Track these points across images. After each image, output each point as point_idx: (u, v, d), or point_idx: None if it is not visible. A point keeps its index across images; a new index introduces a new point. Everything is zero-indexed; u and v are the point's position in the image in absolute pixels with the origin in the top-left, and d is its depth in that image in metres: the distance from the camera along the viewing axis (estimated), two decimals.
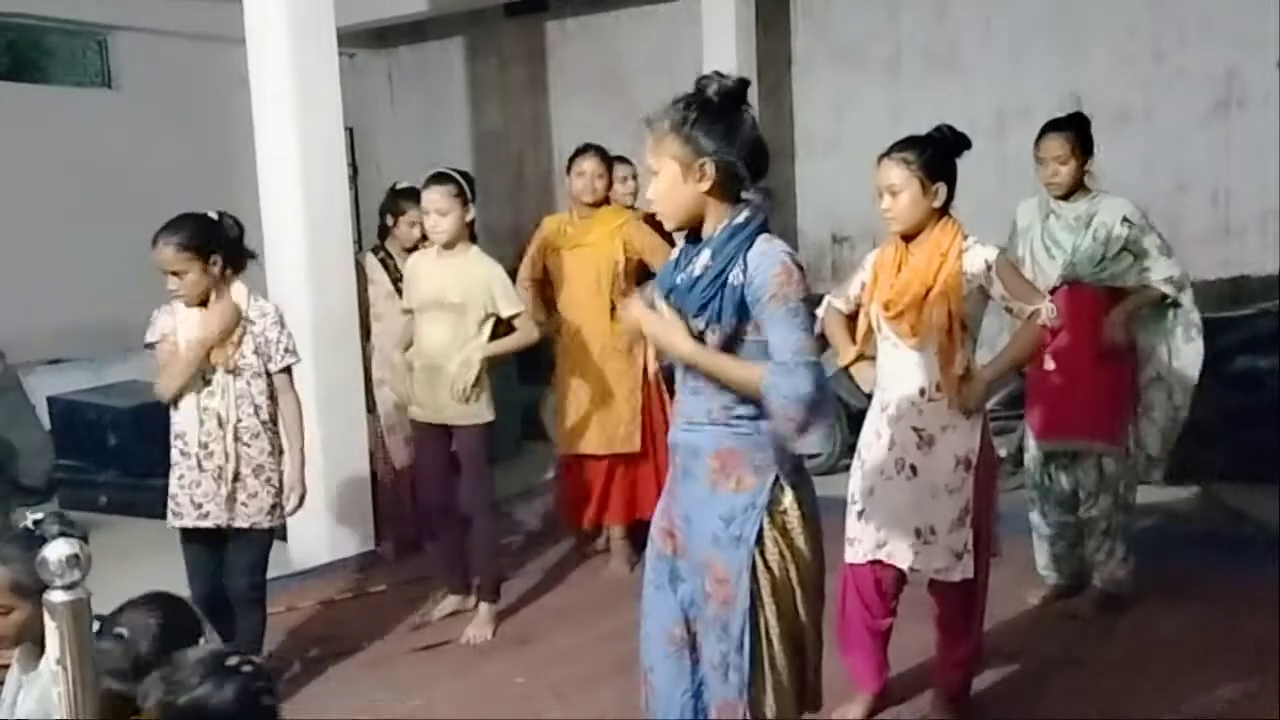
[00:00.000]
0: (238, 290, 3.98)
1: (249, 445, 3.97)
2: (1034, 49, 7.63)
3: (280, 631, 4.60)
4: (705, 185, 2.45)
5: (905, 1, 8.18)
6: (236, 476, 3.95)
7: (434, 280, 4.62)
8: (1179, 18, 7.17)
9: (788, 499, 2.50)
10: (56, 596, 1.71)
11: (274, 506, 4.04)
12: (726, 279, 2.41)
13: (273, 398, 4.06)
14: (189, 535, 4.04)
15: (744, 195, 2.49)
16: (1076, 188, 4.42)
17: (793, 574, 2.51)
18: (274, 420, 4.07)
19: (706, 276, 2.43)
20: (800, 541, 2.52)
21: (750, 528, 2.48)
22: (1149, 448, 4.57)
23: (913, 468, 3.44)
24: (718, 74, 2.49)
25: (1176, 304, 4.44)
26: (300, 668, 4.38)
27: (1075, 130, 4.41)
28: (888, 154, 3.41)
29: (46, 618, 1.72)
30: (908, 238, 3.46)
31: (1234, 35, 7.00)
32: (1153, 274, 4.37)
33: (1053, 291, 4.33)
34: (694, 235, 2.54)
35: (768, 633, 2.50)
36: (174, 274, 3.83)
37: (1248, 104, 7.03)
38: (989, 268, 3.37)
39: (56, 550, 1.71)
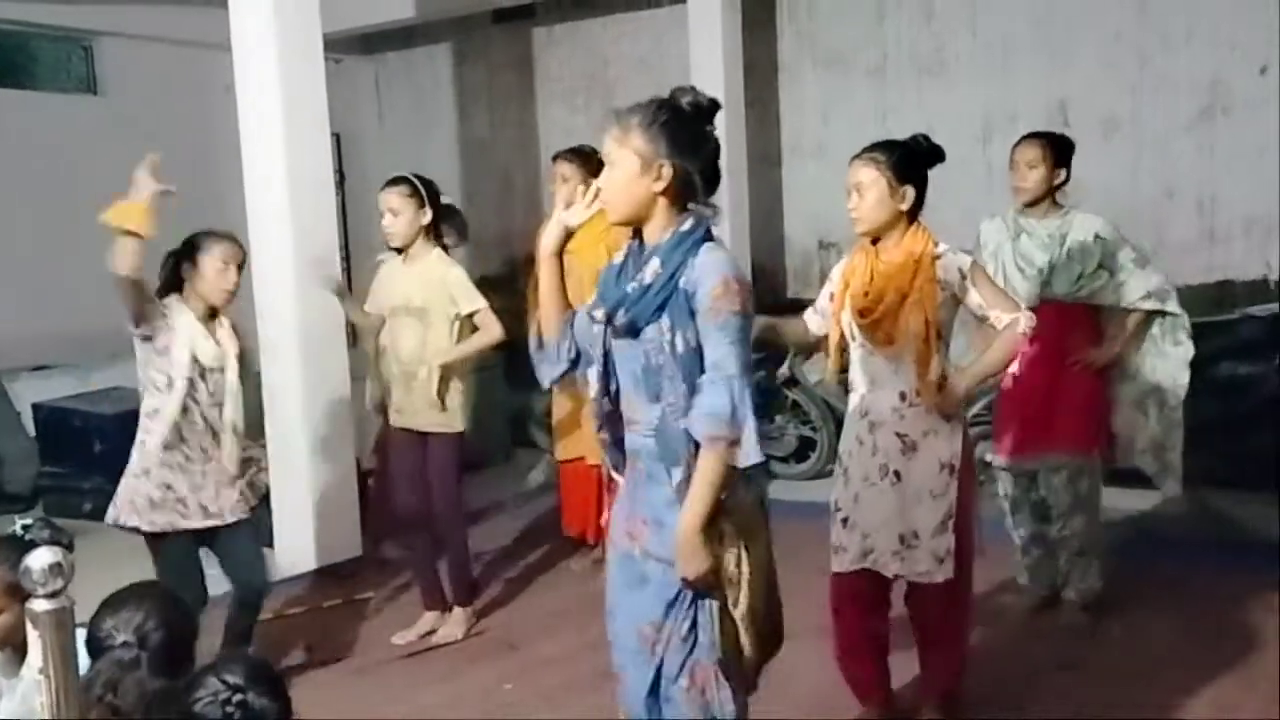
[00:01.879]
0: None
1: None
2: (1020, 55, 7.65)
3: (268, 639, 4.57)
4: (660, 186, 2.49)
5: (892, 7, 8.19)
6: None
7: (398, 286, 4.66)
8: (1164, 25, 7.20)
9: (752, 495, 2.56)
10: (39, 605, 1.69)
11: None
12: (677, 284, 2.45)
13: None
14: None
15: (690, 205, 2.54)
16: (1044, 198, 4.38)
17: (756, 561, 2.56)
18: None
19: (658, 283, 2.46)
20: (760, 534, 2.58)
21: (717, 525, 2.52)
22: (1150, 463, 4.57)
23: (896, 474, 3.42)
24: (693, 88, 2.56)
25: (1163, 313, 4.41)
26: (287, 675, 4.36)
27: (1050, 141, 4.40)
28: (858, 154, 3.41)
29: (29, 626, 1.71)
30: (875, 242, 3.45)
31: (1219, 42, 7.02)
32: (1129, 290, 4.34)
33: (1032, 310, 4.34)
34: (635, 236, 2.59)
35: (732, 614, 2.55)
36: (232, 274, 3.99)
37: (1233, 111, 7.05)
38: (964, 276, 3.36)
39: (39, 559, 1.70)
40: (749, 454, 2.42)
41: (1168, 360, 4.47)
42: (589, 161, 5.24)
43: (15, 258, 7.79)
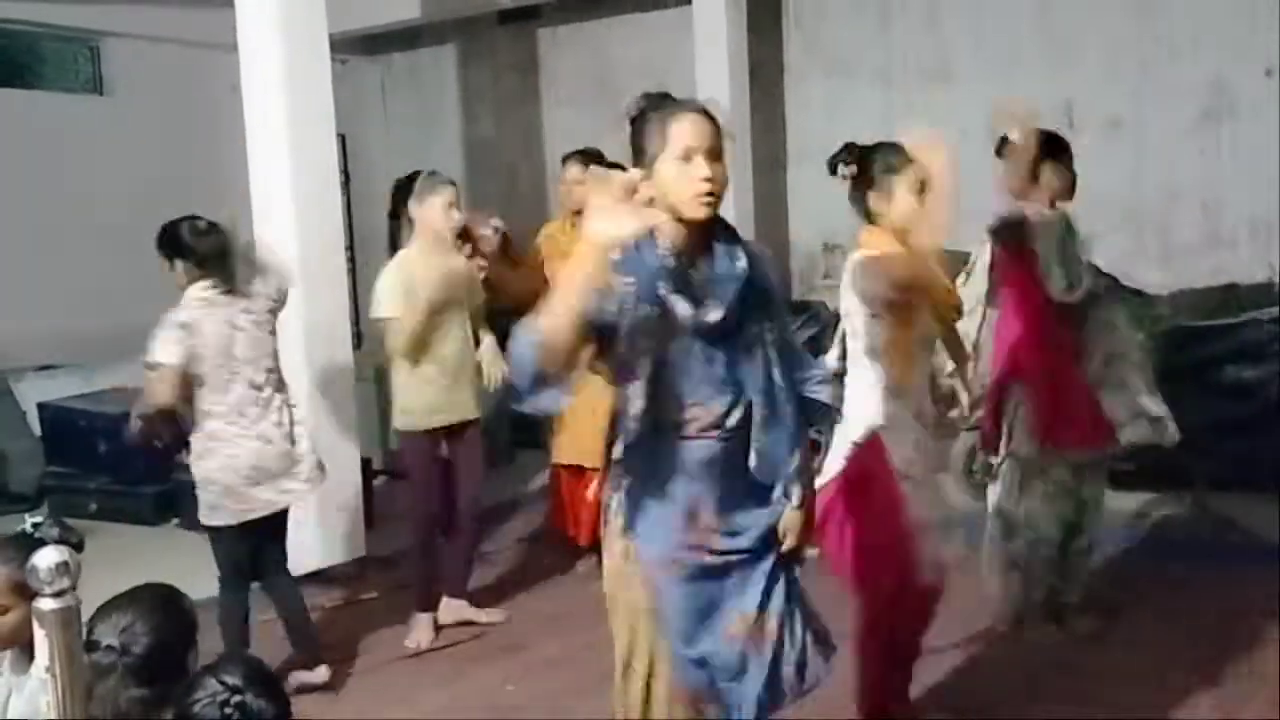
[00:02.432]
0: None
1: None
2: (1025, 58, 7.65)
3: (271, 640, 4.58)
4: None
5: (897, 11, 8.19)
6: None
7: (428, 281, 4.64)
8: (1168, 28, 7.20)
9: None
10: (46, 604, 1.70)
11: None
12: (750, 276, 2.51)
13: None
14: None
15: None
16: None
17: None
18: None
19: (744, 277, 2.50)
20: None
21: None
22: (1146, 415, 4.47)
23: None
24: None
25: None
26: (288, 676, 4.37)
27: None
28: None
29: (35, 625, 1.72)
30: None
31: (1222, 45, 7.02)
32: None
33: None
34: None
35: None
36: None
37: (1237, 113, 7.05)
38: None
39: (46, 558, 1.70)
40: None
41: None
42: (599, 163, 5.26)
43: (21, 257, 7.80)
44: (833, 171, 3.44)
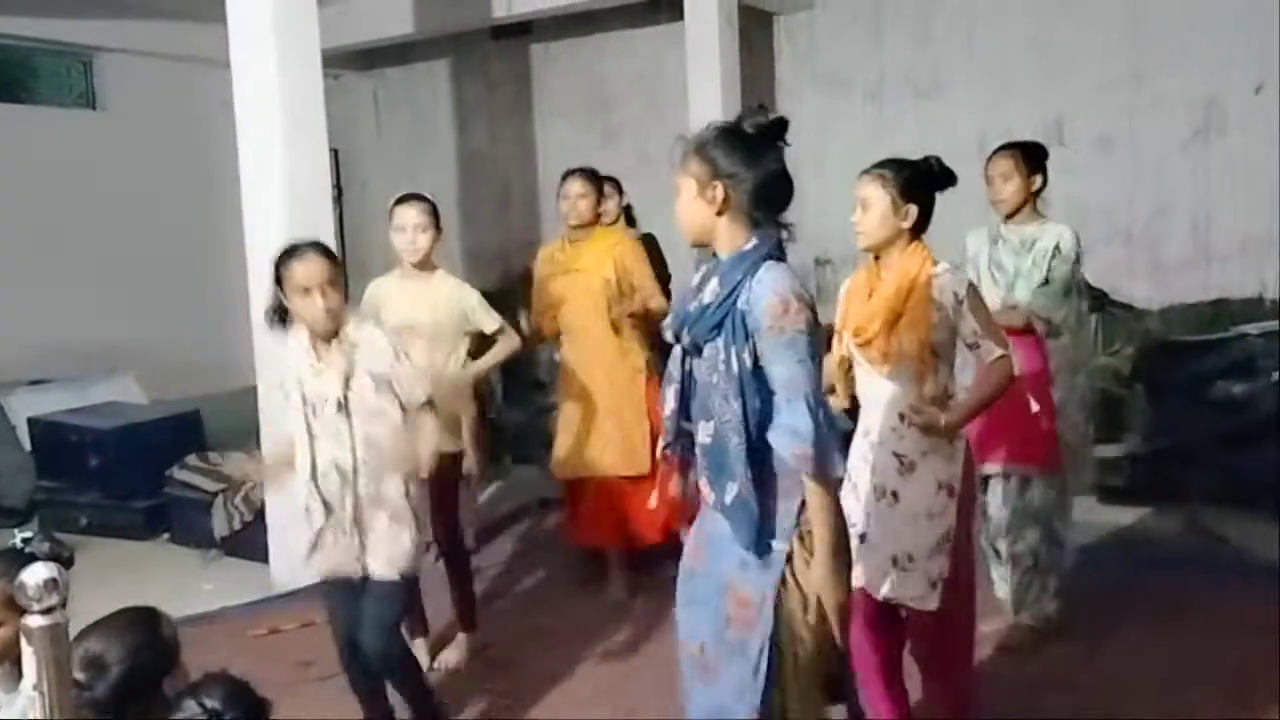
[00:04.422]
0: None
1: (377, 491, 3.49)
2: (1016, 75, 7.68)
3: (262, 655, 4.56)
4: (716, 206, 2.54)
5: (888, 27, 8.23)
6: (363, 525, 3.49)
7: (400, 305, 4.49)
8: (1159, 45, 7.23)
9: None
10: (34, 621, 1.69)
11: (407, 554, 3.55)
12: (735, 303, 2.47)
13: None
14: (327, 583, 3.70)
15: (759, 224, 2.55)
16: (1022, 208, 4.43)
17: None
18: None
19: (715, 302, 2.50)
20: None
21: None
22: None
23: (894, 494, 3.34)
24: (761, 107, 2.59)
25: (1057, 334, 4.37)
26: (281, 691, 4.35)
27: (1022, 151, 4.45)
28: (866, 170, 3.39)
29: (23, 642, 1.71)
30: (879, 259, 3.40)
31: (1214, 62, 7.06)
32: (1041, 304, 4.33)
33: None
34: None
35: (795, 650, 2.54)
36: (320, 292, 3.49)
37: (1227, 130, 7.08)
38: (959, 300, 3.27)
39: (34, 574, 1.69)
40: (838, 465, 2.48)
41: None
42: (590, 181, 5.27)
43: (13, 272, 7.79)
44: None
